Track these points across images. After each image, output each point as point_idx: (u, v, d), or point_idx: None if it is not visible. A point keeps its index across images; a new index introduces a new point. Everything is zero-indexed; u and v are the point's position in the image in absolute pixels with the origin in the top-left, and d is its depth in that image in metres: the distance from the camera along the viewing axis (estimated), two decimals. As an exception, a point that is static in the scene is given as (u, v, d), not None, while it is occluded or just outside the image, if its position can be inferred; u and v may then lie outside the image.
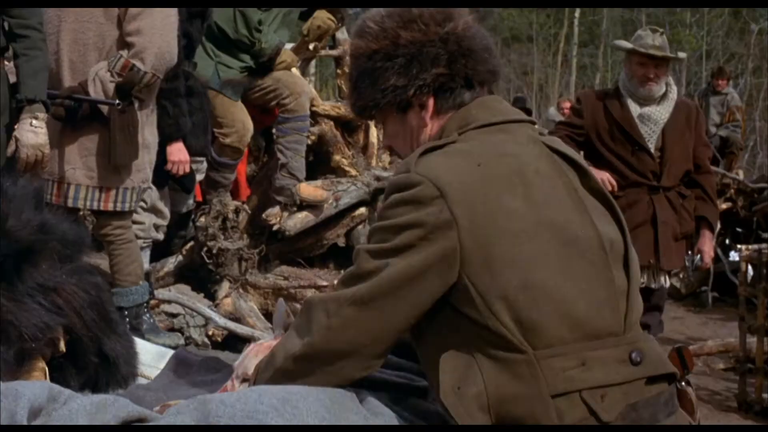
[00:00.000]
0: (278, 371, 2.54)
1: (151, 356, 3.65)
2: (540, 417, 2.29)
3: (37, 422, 2.33)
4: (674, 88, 6.44)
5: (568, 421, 2.29)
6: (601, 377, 2.34)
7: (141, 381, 3.50)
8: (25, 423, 2.25)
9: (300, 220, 7.48)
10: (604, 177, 6.14)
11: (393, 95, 2.57)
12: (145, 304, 6.03)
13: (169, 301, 6.92)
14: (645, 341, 2.46)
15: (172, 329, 6.74)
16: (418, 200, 2.34)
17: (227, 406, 2.31)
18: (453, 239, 2.32)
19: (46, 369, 2.93)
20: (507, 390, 2.31)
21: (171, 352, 3.74)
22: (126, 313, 5.77)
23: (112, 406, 2.42)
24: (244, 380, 2.92)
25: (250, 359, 2.95)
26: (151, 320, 6.16)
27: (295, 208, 7.48)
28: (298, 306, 7.40)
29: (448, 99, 2.58)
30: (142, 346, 3.65)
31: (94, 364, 3.16)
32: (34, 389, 2.38)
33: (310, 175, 7.74)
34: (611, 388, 2.34)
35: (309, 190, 7.48)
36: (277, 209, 7.49)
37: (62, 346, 3.00)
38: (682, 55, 6.87)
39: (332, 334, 2.42)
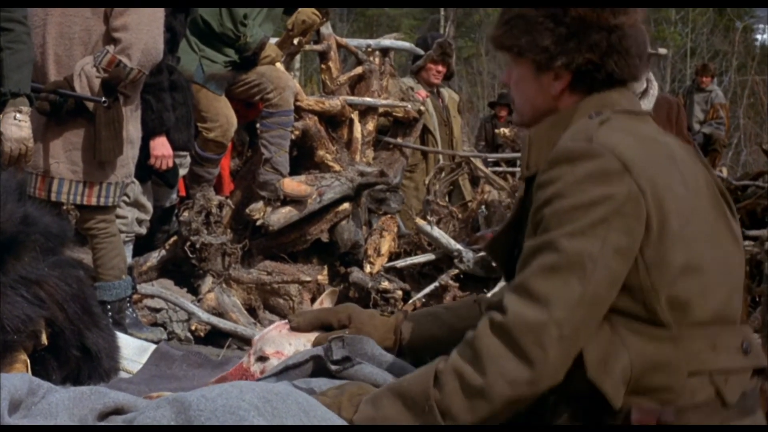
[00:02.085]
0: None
1: (133, 350, 3.66)
2: (677, 391, 2.32)
3: (17, 415, 2.34)
4: (655, 84, 6.47)
5: (699, 399, 2.33)
6: (726, 362, 2.38)
7: (123, 375, 3.50)
8: (5, 415, 2.26)
9: (283, 215, 7.47)
10: None
11: (541, 55, 2.52)
12: (128, 299, 6.03)
13: (152, 296, 6.92)
14: (750, 333, 2.52)
15: (155, 324, 6.73)
16: (605, 174, 2.31)
17: (208, 400, 2.31)
18: (642, 211, 2.30)
19: (28, 362, 2.94)
20: (649, 364, 2.32)
21: (153, 346, 3.75)
22: (109, 307, 5.76)
23: (89, 399, 2.42)
24: (260, 358, 2.91)
25: (271, 337, 2.95)
26: (134, 315, 6.17)
27: (278, 203, 7.47)
28: (281, 301, 7.43)
29: (584, 83, 2.54)
30: (123, 340, 3.65)
31: (76, 357, 3.17)
32: (14, 381, 2.38)
33: (294, 170, 7.73)
34: (732, 374, 2.39)
35: (292, 185, 7.48)
36: (260, 204, 7.48)
37: (44, 339, 3.00)
38: (662, 51, 6.91)
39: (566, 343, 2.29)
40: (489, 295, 2.91)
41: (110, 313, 5.73)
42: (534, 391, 2.29)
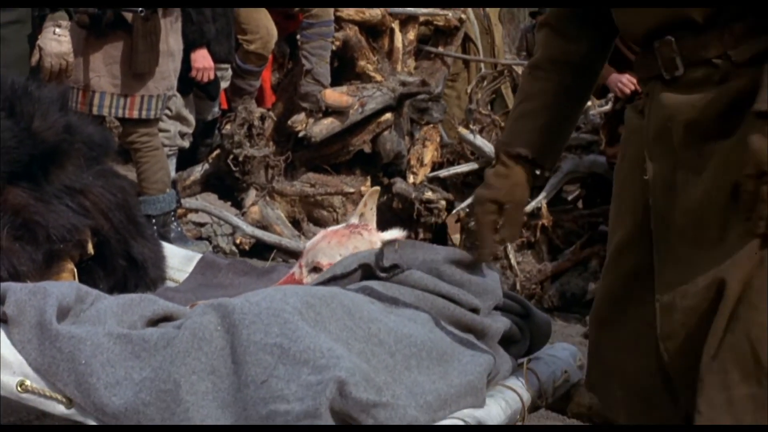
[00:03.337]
0: None
1: (179, 260, 3.66)
2: None
3: (66, 323, 2.35)
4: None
5: None
6: None
7: (169, 284, 3.52)
8: (54, 321, 2.26)
9: (325, 126, 7.45)
10: (623, 79, 6.20)
11: None
12: (172, 213, 6.05)
13: (196, 210, 6.95)
14: None
15: (199, 238, 6.76)
16: None
17: (252, 304, 2.31)
18: None
19: (75, 271, 2.95)
20: None
21: (199, 255, 3.75)
22: (154, 221, 5.77)
23: (138, 306, 2.44)
24: (315, 269, 2.89)
25: (322, 248, 2.93)
26: (179, 229, 6.19)
27: (320, 115, 7.45)
28: (324, 213, 7.44)
29: None
30: (169, 250, 3.66)
31: (122, 267, 3.18)
32: (62, 288, 2.40)
33: (335, 81, 7.70)
34: None
35: (334, 96, 7.44)
36: (302, 116, 7.46)
37: (90, 248, 3.01)
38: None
39: None
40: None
41: (155, 227, 5.74)
42: None
